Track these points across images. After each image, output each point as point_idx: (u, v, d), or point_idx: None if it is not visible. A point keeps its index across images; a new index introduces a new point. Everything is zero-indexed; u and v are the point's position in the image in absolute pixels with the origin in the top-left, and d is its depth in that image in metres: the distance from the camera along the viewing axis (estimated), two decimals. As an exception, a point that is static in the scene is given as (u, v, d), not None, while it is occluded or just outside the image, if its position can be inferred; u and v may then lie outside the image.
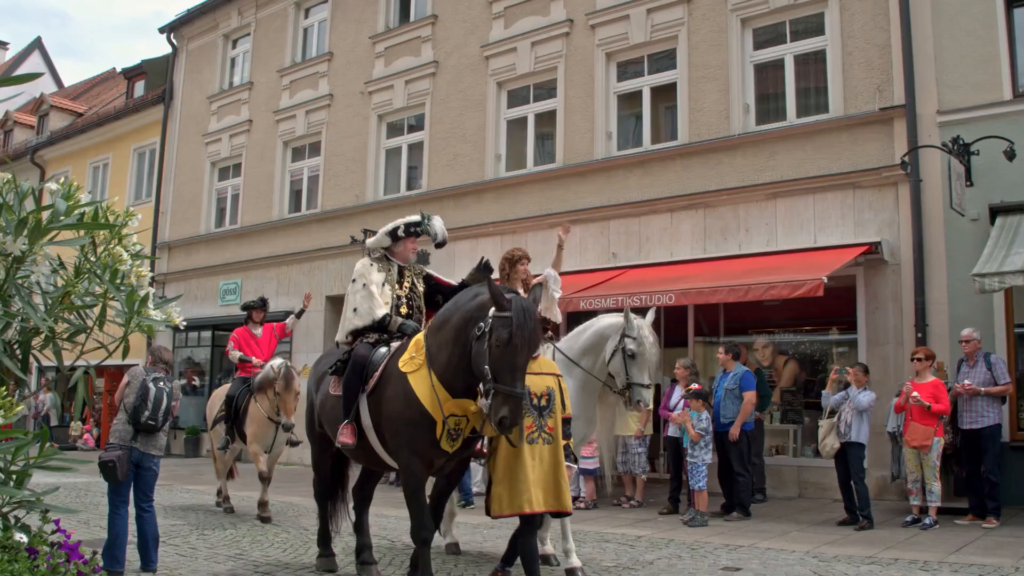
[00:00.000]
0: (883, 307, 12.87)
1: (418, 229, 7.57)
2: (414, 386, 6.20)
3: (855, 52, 13.52)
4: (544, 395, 6.29)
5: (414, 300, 7.52)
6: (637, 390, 7.70)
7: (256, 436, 11.36)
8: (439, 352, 6.21)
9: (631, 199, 15.31)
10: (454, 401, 6.11)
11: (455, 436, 6.24)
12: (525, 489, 6.06)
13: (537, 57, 17.16)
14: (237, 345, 12.31)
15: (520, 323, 5.69)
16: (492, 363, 5.70)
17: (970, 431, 10.46)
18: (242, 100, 23.46)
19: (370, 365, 6.78)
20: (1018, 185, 11.84)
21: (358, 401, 6.77)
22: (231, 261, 22.63)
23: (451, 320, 6.24)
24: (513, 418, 5.59)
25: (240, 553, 8.74)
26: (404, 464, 6.47)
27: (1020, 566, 7.85)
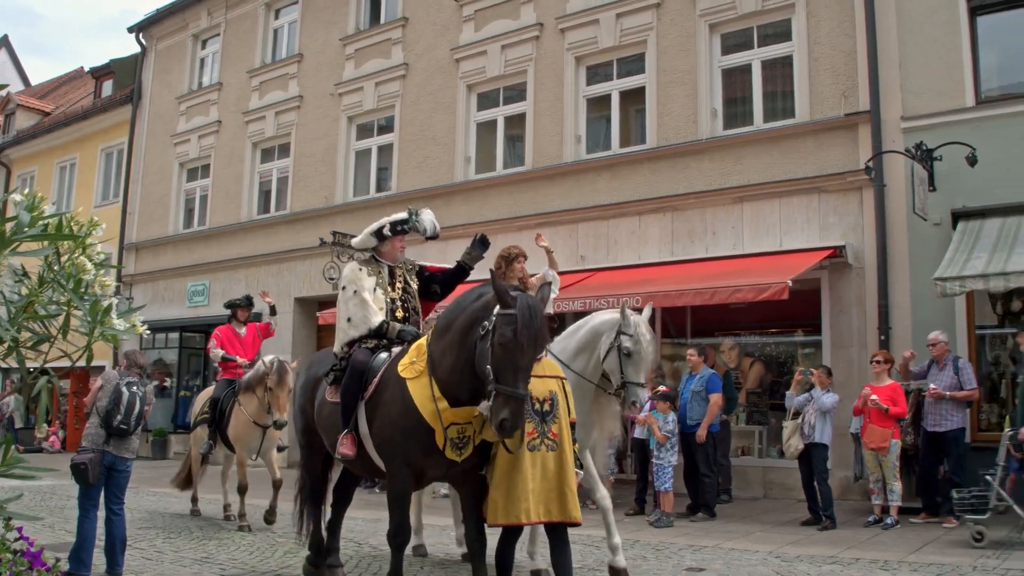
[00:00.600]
0: (847, 310, 13.03)
1: (405, 227, 7.24)
2: (413, 393, 5.91)
3: (821, 58, 13.68)
4: (547, 400, 5.92)
5: (409, 301, 7.19)
6: (633, 389, 7.31)
7: (240, 441, 10.87)
8: (443, 357, 5.86)
9: (600, 202, 15.40)
10: (455, 410, 5.79)
11: (461, 444, 5.89)
12: (523, 498, 5.69)
13: (507, 60, 17.22)
14: (220, 343, 11.79)
15: (526, 321, 5.39)
16: (494, 362, 5.40)
17: (934, 433, 10.63)
18: (211, 101, 23.36)
19: (369, 371, 6.47)
20: (980, 191, 12.02)
21: (357, 409, 6.46)
22: (199, 262, 22.53)
23: (455, 323, 5.88)
24: (514, 421, 5.29)
25: (206, 556, 8.73)
26: (393, 470, 6.20)
27: (978, 565, 7.99)
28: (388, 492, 6.40)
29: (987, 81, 12.72)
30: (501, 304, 5.50)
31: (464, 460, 5.97)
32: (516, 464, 5.72)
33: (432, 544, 9.13)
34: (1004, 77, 12.78)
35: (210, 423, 11.32)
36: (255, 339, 12.11)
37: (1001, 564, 8.04)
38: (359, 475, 7.66)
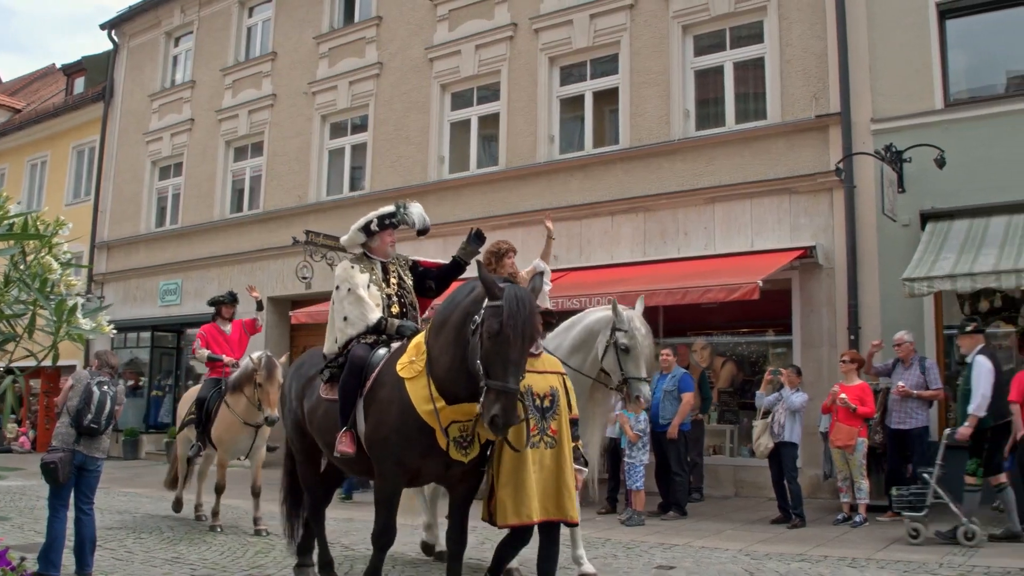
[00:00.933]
0: (817, 310, 13.14)
1: (393, 220, 7.03)
2: (411, 394, 5.72)
3: (793, 60, 13.78)
4: (548, 395, 5.77)
5: (405, 296, 6.99)
6: (635, 384, 7.19)
7: (225, 442, 10.55)
8: (440, 355, 5.69)
9: (572, 202, 15.45)
10: (453, 408, 5.60)
11: (465, 444, 5.70)
12: (531, 496, 5.56)
13: (481, 60, 17.24)
14: (205, 343, 11.43)
15: (512, 312, 5.20)
16: (483, 356, 5.24)
17: (898, 431, 10.76)
18: (184, 99, 23.24)
19: (368, 367, 6.26)
20: (948, 192, 12.16)
21: (356, 406, 6.23)
22: (171, 261, 22.40)
23: (450, 319, 5.73)
24: (506, 417, 5.11)
25: (177, 557, 8.71)
26: (385, 471, 5.97)
27: (944, 562, 8.10)
28: (377, 493, 6.22)
29: (956, 84, 12.86)
30: (489, 296, 5.36)
31: (470, 460, 5.79)
32: (521, 462, 5.58)
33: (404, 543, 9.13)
34: (972, 80, 12.93)
35: (196, 424, 10.99)
36: (242, 336, 11.78)
37: (968, 560, 8.16)
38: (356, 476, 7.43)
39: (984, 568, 7.82)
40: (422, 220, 7.19)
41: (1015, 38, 12.60)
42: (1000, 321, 12.56)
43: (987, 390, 9.18)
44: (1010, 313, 12.48)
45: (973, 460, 9.28)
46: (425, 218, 7.23)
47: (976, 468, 9.22)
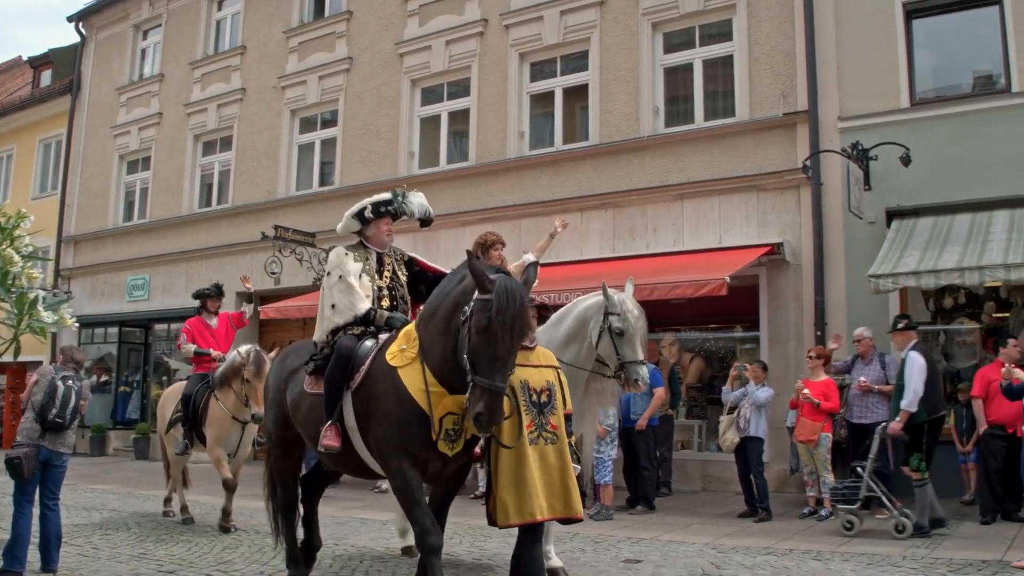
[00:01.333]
0: (784, 306, 13.25)
1: (389, 208, 6.78)
2: (405, 382, 5.52)
3: (761, 58, 13.88)
4: (544, 390, 5.58)
5: (397, 290, 6.75)
6: (632, 368, 6.97)
7: (218, 439, 10.17)
8: (432, 344, 5.52)
9: (542, 198, 15.48)
10: (451, 398, 5.42)
11: (454, 437, 5.53)
12: (535, 494, 5.35)
13: (451, 56, 17.23)
14: (191, 337, 11.05)
15: (502, 307, 5.00)
16: (471, 351, 5.07)
17: (859, 425, 10.88)
18: (152, 92, 23.06)
19: (356, 359, 6.03)
20: (913, 190, 12.31)
21: (342, 399, 6.00)
22: (139, 256, 22.21)
23: (440, 308, 5.56)
24: (490, 415, 4.96)
25: (144, 552, 8.65)
26: (395, 468, 5.66)
27: (908, 555, 8.19)
28: (398, 495, 5.81)
29: (922, 83, 13.00)
30: (479, 288, 5.14)
31: (455, 456, 5.63)
32: (522, 459, 5.39)
33: (373, 539, 9.13)
34: (938, 79, 13.07)
35: (184, 421, 10.57)
36: (228, 330, 11.42)
37: (930, 553, 8.26)
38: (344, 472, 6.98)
39: (947, 560, 7.92)
40: (423, 210, 6.97)
41: (980, 38, 12.75)
42: (964, 318, 12.71)
43: (919, 385, 9.31)
44: (974, 310, 12.64)
45: (915, 455, 9.42)
46: (427, 208, 7.01)
47: (919, 463, 9.37)
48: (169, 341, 22.02)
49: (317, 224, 17.84)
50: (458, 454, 5.63)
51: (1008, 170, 11.78)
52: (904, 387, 9.39)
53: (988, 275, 10.53)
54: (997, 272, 10.45)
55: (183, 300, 20.45)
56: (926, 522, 9.27)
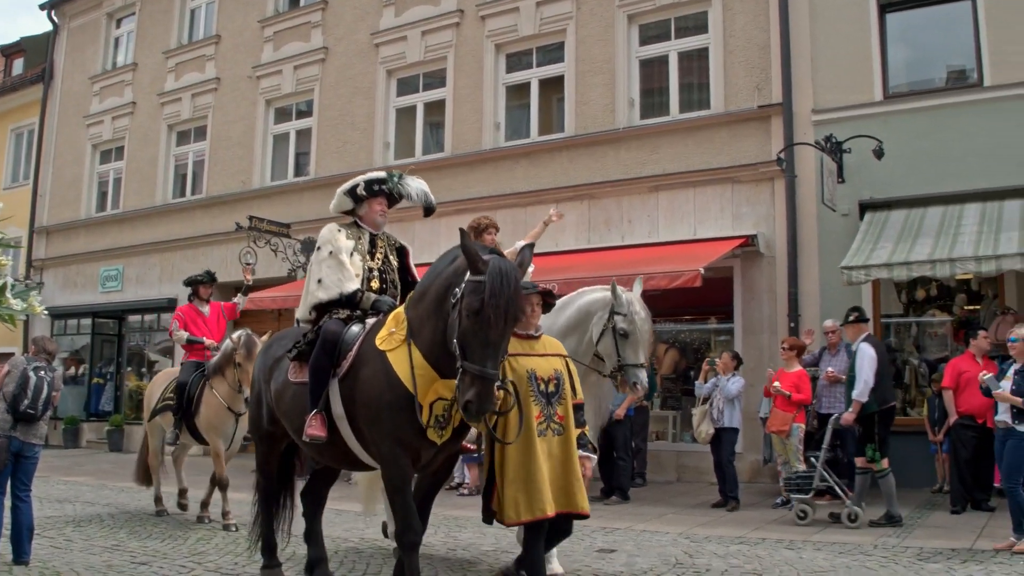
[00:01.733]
0: (758, 298, 13.32)
1: (382, 187, 6.51)
2: (395, 365, 5.28)
3: (736, 51, 13.93)
4: (552, 379, 5.40)
5: (388, 274, 6.49)
6: (631, 371, 6.73)
7: (214, 429, 9.86)
8: (422, 327, 5.30)
9: (518, 189, 15.49)
10: (442, 382, 5.20)
11: (443, 424, 5.30)
12: (545, 489, 5.17)
13: (427, 46, 17.19)
14: (183, 324, 10.71)
15: (494, 289, 4.75)
16: (461, 336, 4.84)
17: (828, 415, 10.93)
18: (125, 81, 22.87)
19: (342, 344, 5.78)
20: (886, 182, 12.41)
21: (328, 387, 5.74)
22: (112, 247, 22.05)
23: (431, 289, 5.34)
24: (480, 403, 4.71)
25: (117, 544, 8.59)
26: (387, 455, 5.42)
27: (879, 544, 8.28)
28: (386, 484, 5.61)
29: (895, 77, 13.10)
30: (471, 269, 4.90)
31: (444, 445, 5.41)
32: (531, 453, 5.18)
33: (347, 529, 9.11)
34: (911, 73, 13.18)
35: (175, 410, 10.19)
36: (220, 319, 11.09)
37: (901, 542, 8.34)
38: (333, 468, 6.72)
39: (917, 549, 8.00)
40: (423, 195, 6.62)
41: (953, 32, 12.85)
42: (935, 310, 12.84)
43: (870, 376, 9.46)
44: (945, 302, 12.77)
45: (869, 446, 9.55)
46: (427, 194, 6.65)
47: (873, 453, 9.50)
48: (143, 332, 21.94)
49: (292, 215, 17.80)
50: (447, 443, 5.42)
51: (980, 163, 11.90)
52: (856, 378, 9.54)
53: (959, 267, 10.63)
54: (968, 264, 10.55)
55: (157, 291, 20.46)
56: (896, 511, 9.39)
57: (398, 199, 6.69)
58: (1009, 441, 8.10)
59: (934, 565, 7.34)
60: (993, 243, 10.63)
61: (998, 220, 11.16)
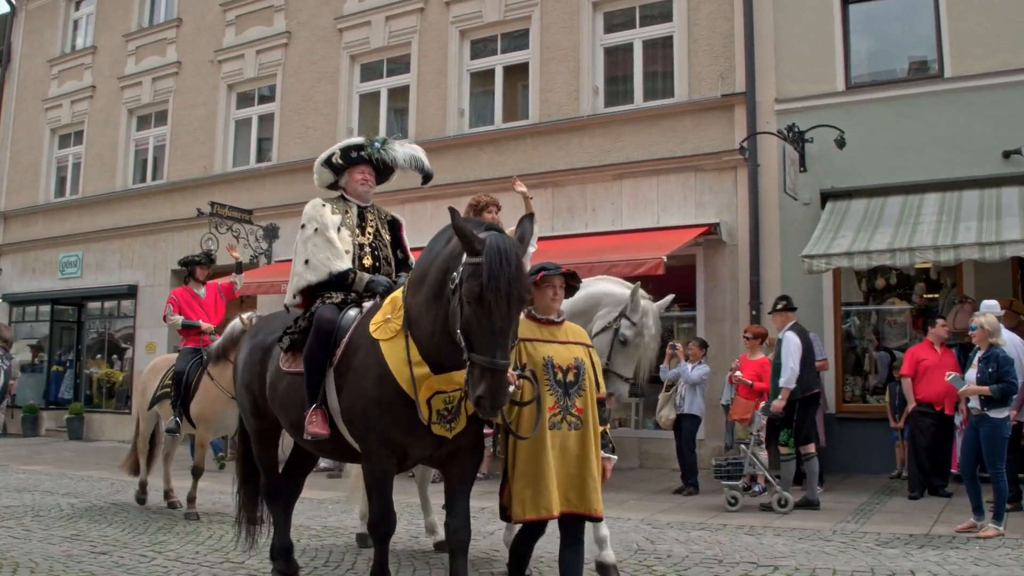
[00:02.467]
0: (721, 285, 13.40)
1: (360, 154, 6.05)
2: (388, 357, 4.91)
3: (700, 39, 13.98)
4: (571, 369, 4.95)
5: (380, 249, 6.03)
6: (614, 380, 6.19)
7: (208, 419, 9.38)
8: (420, 316, 4.86)
9: (482, 176, 15.45)
10: (439, 377, 4.82)
11: (450, 418, 4.89)
12: (552, 488, 4.78)
13: (391, 32, 17.10)
14: (177, 308, 10.14)
15: (494, 271, 4.28)
16: (464, 325, 4.38)
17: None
18: (85, 65, 22.55)
19: (338, 331, 5.36)
20: (847, 172, 12.52)
21: (325, 378, 5.34)
22: (72, 232, 21.75)
23: (429, 273, 4.85)
24: (494, 398, 4.25)
25: (77, 534, 8.50)
26: (368, 450, 5.10)
27: (838, 529, 8.39)
28: (366, 477, 5.32)
29: (857, 67, 13.21)
30: (467, 250, 4.43)
31: (456, 436, 4.99)
32: (541, 446, 4.79)
33: (310, 517, 9.08)
34: (873, 64, 13.29)
35: (174, 399, 9.66)
36: (217, 301, 10.50)
37: (859, 528, 8.46)
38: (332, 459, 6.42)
39: (875, 534, 8.11)
40: (412, 161, 6.16)
41: (914, 24, 12.96)
42: (895, 298, 12.98)
43: (795, 364, 9.73)
44: (904, 290, 12.92)
45: (785, 431, 9.74)
46: (419, 159, 6.19)
47: (788, 438, 9.72)
48: (103, 319, 21.70)
49: (254, 201, 17.67)
50: (460, 433, 4.99)
51: (939, 154, 12.05)
52: (782, 366, 9.73)
53: (918, 256, 10.75)
54: (927, 253, 10.67)
55: (117, 277, 20.26)
56: (814, 496, 9.64)
57: (385, 168, 6.23)
58: (983, 428, 8.17)
59: (892, 550, 7.43)
60: (952, 233, 10.75)
61: (957, 210, 11.29)
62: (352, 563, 7.20)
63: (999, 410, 8.13)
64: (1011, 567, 6.76)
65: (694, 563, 7.08)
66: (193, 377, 9.55)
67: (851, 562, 7.00)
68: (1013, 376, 8.15)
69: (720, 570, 6.86)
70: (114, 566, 7.07)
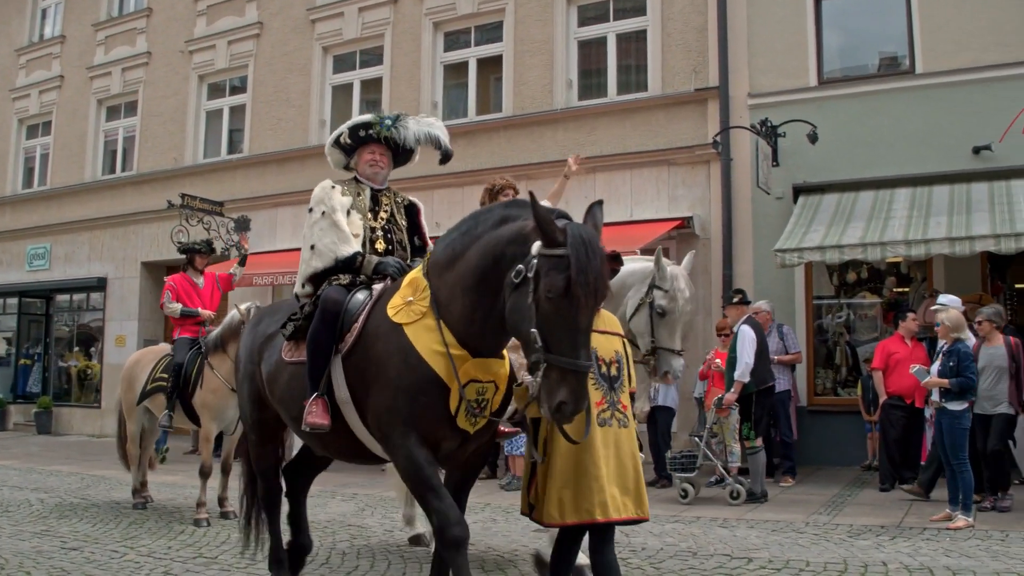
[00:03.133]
0: (693, 279, 13.14)
1: (369, 132, 5.64)
2: (414, 341, 4.45)
3: (674, 34, 14.00)
4: (613, 362, 4.56)
5: (394, 233, 5.63)
6: (666, 357, 5.76)
7: (213, 411, 8.96)
8: (453, 299, 4.44)
9: (455, 169, 15.12)
10: (475, 361, 4.39)
11: (477, 411, 4.48)
12: (598, 489, 4.34)
13: (364, 23, 17.01)
14: (175, 295, 9.77)
15: (582, 263, 3.83)
16: (542, 323, 3.87)
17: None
18: (53, 54, 22.27)
19: (346, 314, 4.94)
20: (819, 167, 12.59)
21: (331, 366, 4.91)
22: (40, 224, 21.51)
23: (468, 255, 4.40)
24: (576, 403, 3.82)
25: (47, 529, 8.42)
26: (399, 447, 4.54)
27: (810, 521, 8.45)
28: (408, 482, 4.71)
29: (829, 62, 13.29)
30: (545, 240, 3.95)
31: (477, 433, 4.60)
32: (587, 444, 4.32)
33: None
34: (845, 59, 13.37)
35: (169, 391, 9.25)
36: (214, 291, 10.15)
37: (831, 520, 8.52)
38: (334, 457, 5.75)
39: (847, 526, 8.18)
40: (428, 139, 5.72)
41: (886, 19, 13.03)
42: (866, 292, 13.08)
43: (750, 358, 9.86)
44: (875, 284, 13.01)
45: (745, 424, 9.85)
46: (437, 137, 5.74)
47: (749, 431, 9.84)
48: (72, 312, 21.49)
49: (225, 193, 17.53)
50: (480, 431, 4.61)
51: (910, 149, 12.15)
52: (736, 359, 9.88)
53: (890, 251, 10.85)
54: (898, 248, 10.76)
55: (86, 270, 20.07)
56: (758, 489, 9.76)
57: (399, 147, 5.77)
58: (943, 420, 8.39)
59: (864, 542, 7.49)
60: (923, 227, 10.84)
61: (927, 205, 11.39)
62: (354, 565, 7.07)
63: (957, 403, 8.35)
64: (981, 558, 6.82)
65: (668, 555, 7.11)
66: (193, 368, 9.19)
67: (824, 554, 7.05)
68: (972, 371, 8.37)
69: (694, 562, 6.89)
70: (85, 562, 7.01)
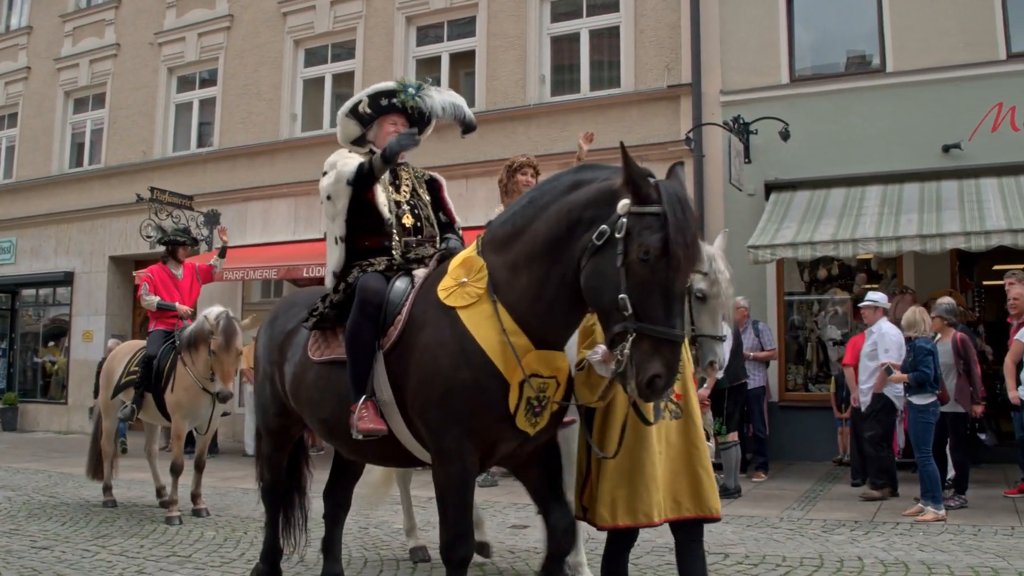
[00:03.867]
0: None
1: (392, 102, 5.24)
2: (471, 328, 4.02)
3: (647, 30, 14.03)
4: None
5: (420, 208, 5.20)
6: (709, 345, 4.95)
7: (185, 409, 8.76)
8: (515, 276, 4.04)
9: (427, 164, 15.22)
10: (538, 353, 3.98)
11: (538, 409, 4.05)
12: (654, 489, 4.08)
13: (336, 17, 16.91)
14: (153, 287, 9.48)
15: (679, 220, 3.53)
16: (633, 288, 3.52)
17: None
18: (19, 45, 21.98)
19: (388, 305, 4.47)
20: (791, 164, 12.68)
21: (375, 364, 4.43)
22: (5, 218, 21.19)
23: (535, 227, 4.01)
24: (670, 377, 3.52)
25: (15, 528, 8.30)
26: (450, 449, 4.13)
27: (784, 516, 8.53)
28: (440, 485, 4.23)
29: (801, 60, 13.38)
30: (636, 196, 3.62)
31: (538, 434, 4.17)
32: (642, 440, 4.07)
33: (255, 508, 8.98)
34: (816, 57, 13.47)
35: (138, 385, 9.03)
36: (193, 283, 9.88)
37: (805, 515, 8.61)
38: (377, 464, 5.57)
39: (821, 521, 8.26)
40: (454, 110, 5.37)
41: (857, 18, 13.13)
42: (837, 288, 13.17)
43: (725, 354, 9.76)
44: (846, 281, 13.11)
45: (717, 419, 9.94)
46: (461, 108, 5.42)
47: (720, 427, 9.95)
48: (37, 307, 21.25)
49: (195, 186, 17.40)
50: (541, 431, 4.18)
51: (881, 147, 12.24)
52: None
53: (862, 248, 10.95)
54: (869, 245, 10.86)
55: (52, 264, 19.85)
56: (732, 484, 9.83)
57: (422, 118, 5.43)
58: (909, 415, 8.58)
59: (838, 536, 7.56)
60: (894, 225, 10.93)
61: (898, 203, 11.49)
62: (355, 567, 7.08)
63: (921, 396, 8.52)
64: (954, 552, 6.90)
65: (645, 551, 7.12)
66: (166, 363, 8.98)
67: (799, 549, 7.10)
68: (927, 365, 8.51)
69: (671, 558, 6.83)
70: (56, 561, 6.92)
